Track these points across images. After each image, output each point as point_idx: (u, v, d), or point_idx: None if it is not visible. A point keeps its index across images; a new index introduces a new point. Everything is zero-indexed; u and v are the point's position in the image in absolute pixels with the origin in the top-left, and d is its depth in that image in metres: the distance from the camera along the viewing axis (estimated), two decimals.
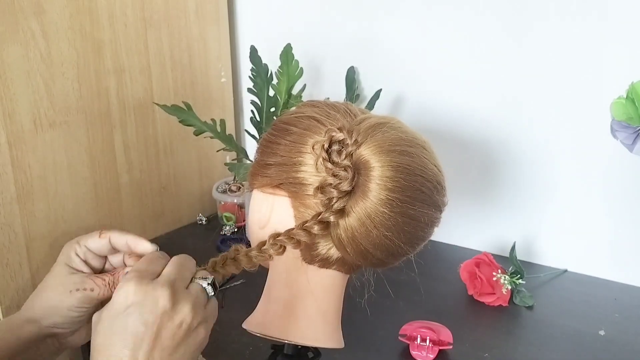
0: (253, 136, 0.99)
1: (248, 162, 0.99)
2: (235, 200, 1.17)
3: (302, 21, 1.18)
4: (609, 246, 0.96)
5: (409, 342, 0.76)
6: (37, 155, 0.93)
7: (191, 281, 0.50)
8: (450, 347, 0.76)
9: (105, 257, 0.58)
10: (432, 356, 0.74)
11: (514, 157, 1.00)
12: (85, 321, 0.57)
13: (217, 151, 1.04)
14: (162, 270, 0.49)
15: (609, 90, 0.86)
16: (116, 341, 0.44)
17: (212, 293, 0.50)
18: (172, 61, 1.12)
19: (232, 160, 1.15)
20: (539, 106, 0.96)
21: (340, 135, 0.53)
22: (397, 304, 0.87)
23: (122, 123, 1.05)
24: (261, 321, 0.60)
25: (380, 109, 1.08)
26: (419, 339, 0.75)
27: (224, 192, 1.19)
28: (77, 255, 0.55)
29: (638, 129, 0.75)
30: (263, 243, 0.55)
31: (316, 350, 0.73)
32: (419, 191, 0.53)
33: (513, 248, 0.93)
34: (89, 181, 1.01)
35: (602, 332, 0.81)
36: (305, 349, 0.65)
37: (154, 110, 1.10)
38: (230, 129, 1.23)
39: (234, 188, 1.19)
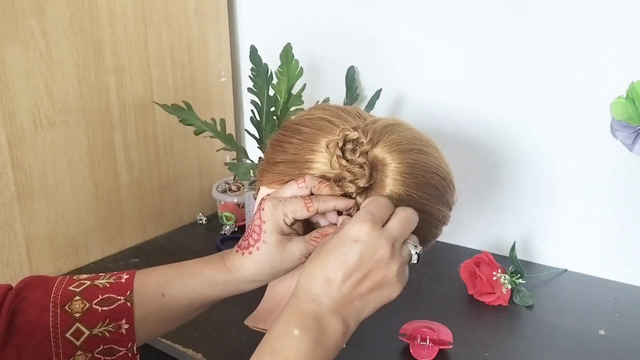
0: (253, 136, 0.99)
1: (248, 161, 0.99)
2: (235, 200, 1.17)
3: (301, 21, 1.18)
4: (608, 246, 0.96)
5: (409, 342, 0.76)
6: (37, 155, 0.93)
7: (404, 242, 0.52)
8: (450, 346, 0.76)
9: None
10: (432, 356, 0.74)
11: (514, 157, 1.00)
12: None
13: (217, 151, 1.04)
14: (388, 217, 0.52)
15: (609, 90, 0.86)
16: (334, 261, 0.49)
17: (415, 262, 0.53)
18: (172, 61, 1.12)
19: (232, 159, 1.15)
20: (539, 106, 0.96)
21: (354, 134, 0.54)
22: (397, 303, 0.87)
23: (122, 123, 1.05)
24: (264, 318, 0.60)
25: (380, 109, 1.08)
26: (419, 339, 0.75)
27: (224, 191, 1.20)
28: (286, 224, 0.56)
29: (638, 128, 0.75)
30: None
31: None
32: (434, 188, 0.55)
33: (513, 248, 0.93)
34: (89, 181, 1.01)
35: (602, 332, 0.81)
36: None
37: (154, 109, 1.10)
38: (230, 129, 1.23)
39: (234, 188, 1.19)
